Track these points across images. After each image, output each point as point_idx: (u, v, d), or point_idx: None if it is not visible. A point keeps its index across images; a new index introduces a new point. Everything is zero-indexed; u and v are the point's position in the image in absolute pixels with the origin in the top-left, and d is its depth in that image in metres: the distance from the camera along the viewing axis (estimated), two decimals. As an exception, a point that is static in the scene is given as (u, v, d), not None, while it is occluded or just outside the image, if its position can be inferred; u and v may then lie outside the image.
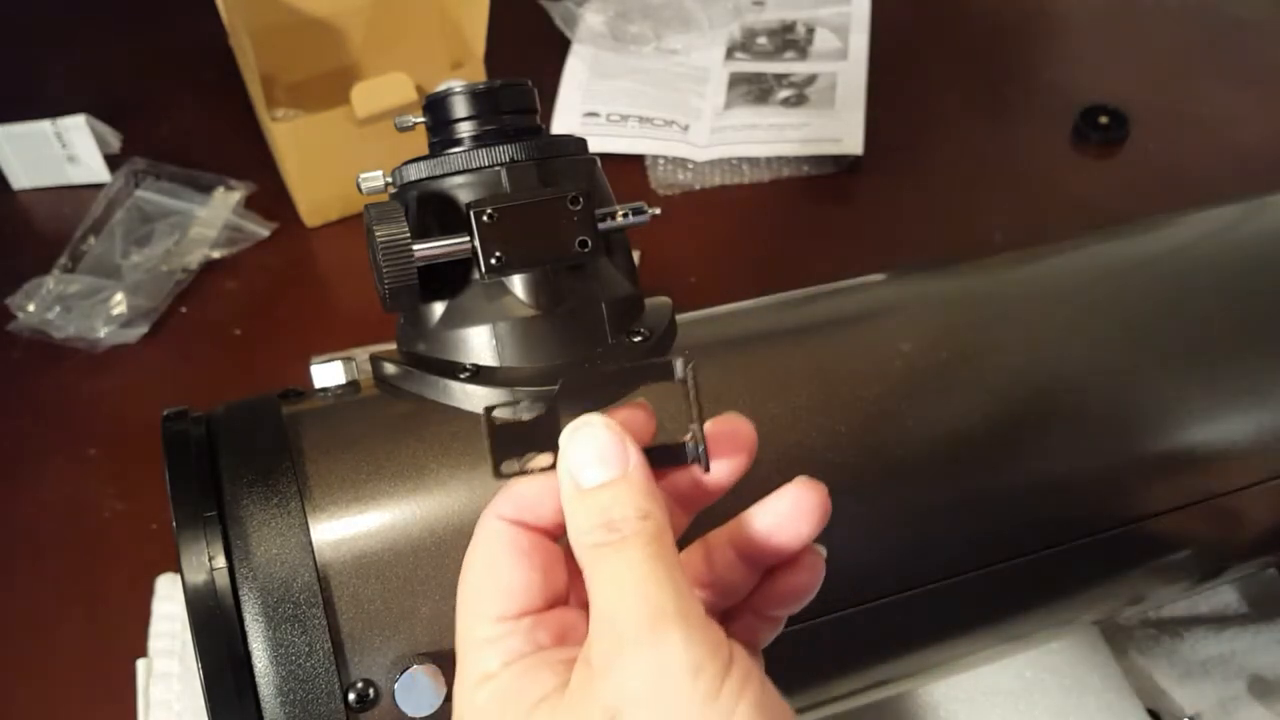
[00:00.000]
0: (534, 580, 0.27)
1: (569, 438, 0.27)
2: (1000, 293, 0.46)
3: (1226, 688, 0.56)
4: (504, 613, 0.27)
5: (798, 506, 0.28)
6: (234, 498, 0.34)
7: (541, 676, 0.25)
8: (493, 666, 0.26)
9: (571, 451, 0.26)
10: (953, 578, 0.39)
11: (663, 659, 0.23)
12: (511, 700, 0.25)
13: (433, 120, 0.40)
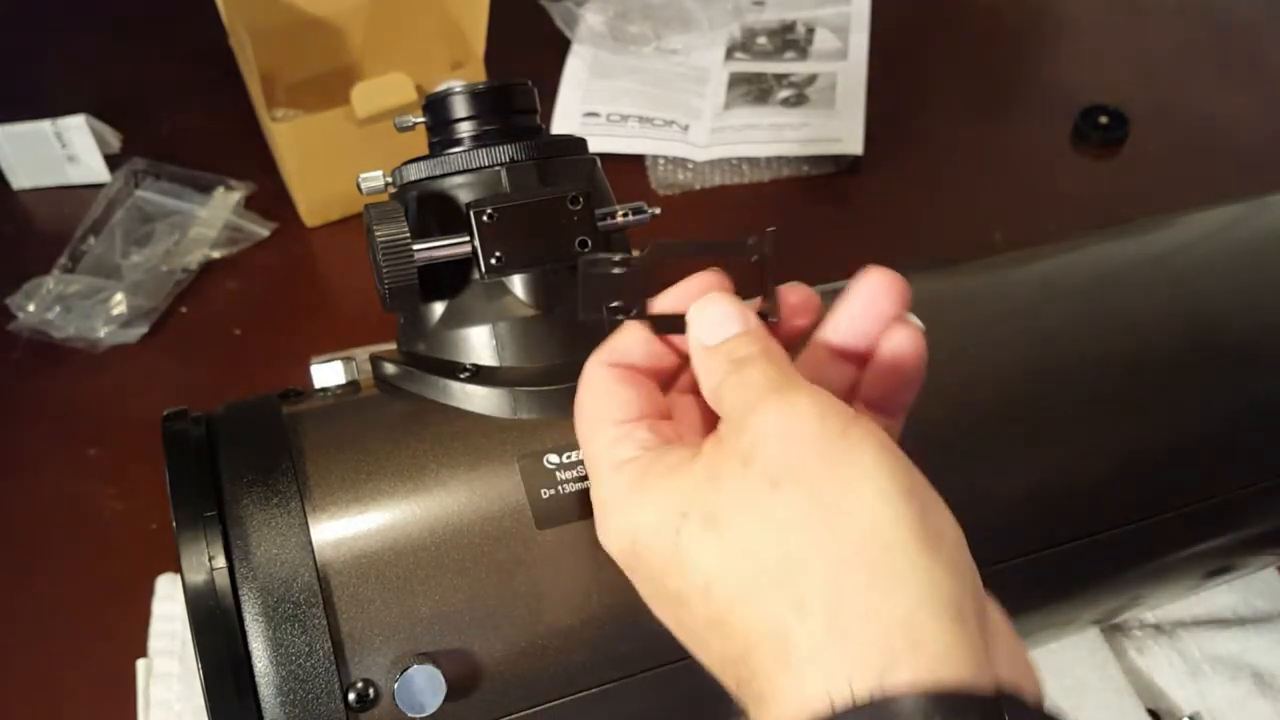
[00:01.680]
0: (641, 394, 0.31)
1: (698, 309, 0.31)
2: (1000, 292, 0.46)
3: (1227, 688, 0.56)
4: (625, 416, 0.31)
5: (872, 289, 0.32)
6: (234, 498, 0.34)
7: (673, 453, 0.29)
8: (629, 453, 0.30)
9: (699, 319, 0.31)
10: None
11: (790, 408, 0.27)
12: (649, 472, 0.29)
13: (433, 120, 0.40)
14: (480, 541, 0.35)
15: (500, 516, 0.35)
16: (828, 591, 0.24)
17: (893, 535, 0.25)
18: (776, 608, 0.25)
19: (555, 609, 0.34)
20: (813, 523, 0.25)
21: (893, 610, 0.24)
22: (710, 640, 0.27)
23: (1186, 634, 0.58)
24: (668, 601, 0.29)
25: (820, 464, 0.26)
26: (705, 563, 0.27)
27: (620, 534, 0.30)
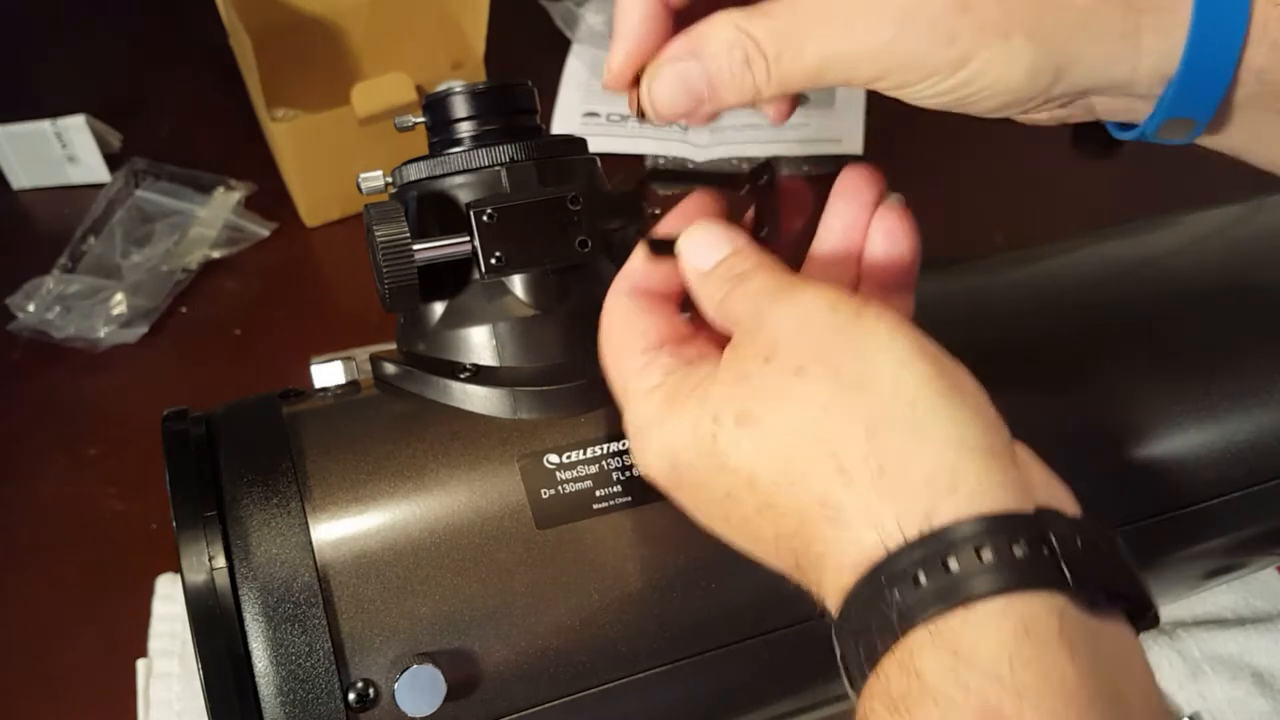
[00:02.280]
0: (661, 320, 0.32)
1: (687, 238, 0.31)
2: (1000, 292, 0.46)
3: (1227, 688, 0.56)
4: (648, 345, 0.31)
5: (854, 184, 0.33)
6: (234, 498, 0.34)
7: (697, 371, 0.30)
8: (656, 380, 0.31)
9: (690, 247, 0.31)
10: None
11: (800, 304, 0.28)
12: (679, 392, 0.30)
13: (432, 120, 0.40)
14: (480, 541, 0.35)
15: (500, 516, 0.35)
16: (866, 457, 0.26)
17: (916, 393, 0.26)
18: (822, 480, 0.26)
19: (555, 609, 0.34)
20: (840, 399, 0.26)
21: (927, 458, 0.25)
22: (762, 526, 0.28)
23: (1186, 634, 0.58)
24: (715, 505, 0.29)
25: (838, 347, 0.27)
26: (745, 456, 0.28)
27: (660, 455, 0.30)
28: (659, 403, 0.30)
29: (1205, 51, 0.27)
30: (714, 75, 0.30)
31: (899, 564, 0.24)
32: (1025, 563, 0.24)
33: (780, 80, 0.29)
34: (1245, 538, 0.45)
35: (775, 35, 0.29)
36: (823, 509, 0.26)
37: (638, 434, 0.31)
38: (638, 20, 0.31)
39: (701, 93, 0.30)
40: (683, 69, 0.30)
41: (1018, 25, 0.27)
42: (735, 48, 0.29)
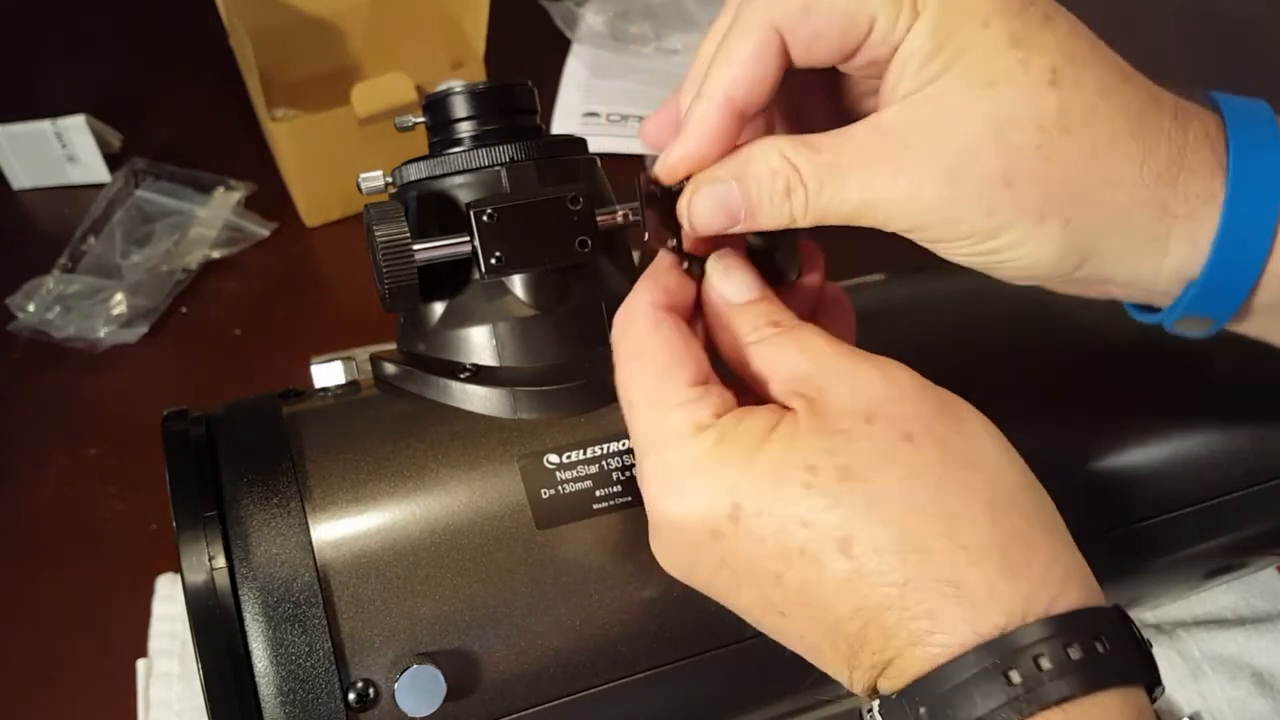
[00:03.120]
0: (703, 356, 0.30)
1: (718, 266, 0.32)
2: (1000, 291, 0.46)
3: (1227, 688, 0.56)
4: (694, 378, 0.29)
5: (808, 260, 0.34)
6: (234, 498, 0.34)
7: (755, 419, 0.28)
8: (706, 419, 0.28)
9: (721, 276, 0.31)
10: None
11: (889, 371, 0.28)
12: (737, 439, 0.28)
13: (432, 120, 0.40)
14: (480, 541, 0.35)
15: (500, 516, 0.35)
16: (988, 537, 0.26)
17: (1021, 479, 0.27)
18: (945, 554, 0.25)
19: (555, 609, 0.34)
20: (954, 474, 0.26)
21: (1044, 545, 0.26)
22: (837, 594, 0.26)
23: (1186, 634, 0.58)
24: (773, 564, 0.27)
25: (940, 420, 0.27)
26: (845, 515, 0.26)
27: (716, 497, 0.27)
28: (712, 444, 0.28)
29: (1228, 262, 0.27)
30: (753, 200, 0.30)
31: (1020, 646, 0.24)
32: (1129, 656, 0.25)
33: (818, 214, 0.29)
34: (1245, 538, 0.45)
35: (820, 170, 0.29)
36: (939, 584, 0.25)
37: (677, 474, 0.28)
38: (708, 128, 0.30)
39: (738, 214, 0.30)
40: (723, 191, 0.30)
41: (1055, 212, 0.27)
42: (779, 176, 0.29)
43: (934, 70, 0.28)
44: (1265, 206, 0.27)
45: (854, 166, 0.28)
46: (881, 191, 0.28)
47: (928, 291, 0.47)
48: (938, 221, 0.28)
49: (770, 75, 0.30)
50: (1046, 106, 0.27)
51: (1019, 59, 0.27)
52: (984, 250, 0.28)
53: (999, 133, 0.27)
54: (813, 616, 0.27)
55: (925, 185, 0.27)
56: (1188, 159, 0.27)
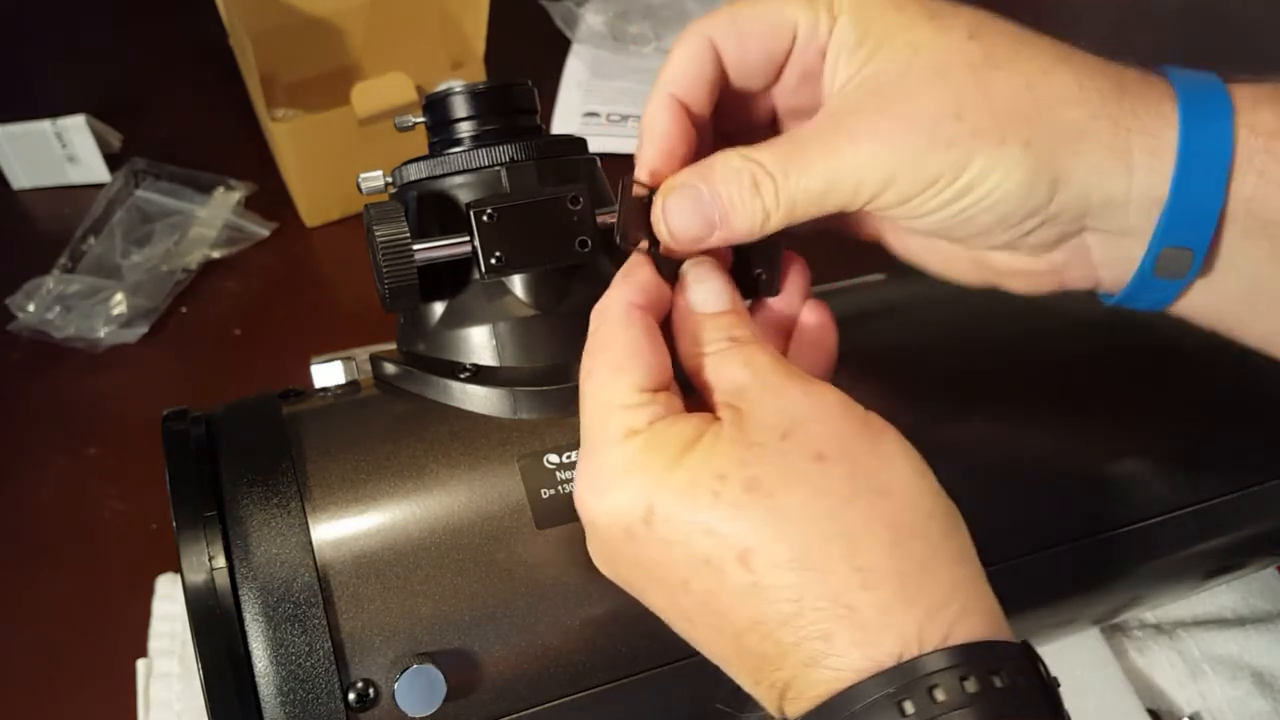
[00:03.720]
0: (665, 359, 0.31)
1: (693, 273, 0.32)
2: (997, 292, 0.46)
3: (1227, 688, 0.56)
4: (646, 384, 0.30)
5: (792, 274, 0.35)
6: (234, 498, 0.34)
7: (683, 427, 0.29)
8: (640, 424, 0.29)
9: (696, 284, 0.32)
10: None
11: (817, 395, 0.28)
12: (663, 445, 0.28)
13: (432, 120, 0.40)
14: (480, 541, 0.35)
15: (500, 516, 0.35)
16: (889, 562, 0.26)
17: (930, 506, 0.27)
18: (841, 575, 0.26)
19: (555, 609, 0.34)
20: (862, 498, 0.26)
21: (945, 574, 0.26)
22: (736, 607, 0.27)
23: (1186, 634, 0.58)
24: (680, 571, 0.28)
25: (856, 443, 0.27)
26: (748, 526, 0.26)
27: (633, 500, 0.28)
28: (638, 450, 0.29)
29: (1194, 172, 0.28)
30: (724, 201, 0.30)
31: (917, 676, 0.24)
32: (1029, 692, 0.25)
33: (789, 200, 0.30)
34: (1245, 538, 0.45)
35: (782, 158, 0.30)
36: (834, 605, 0.25)
37: (603, 475, 0.29)
38: (661, 123, 0.32)
39: (713, 217, 0.31)
40: (694, 192, 0.31)
41: (1012, 132, 0.28)
42: (743, 172, 0.30)
43: (863, 56, 0.29)
44: (1219, 123, 0.28)
45: (814, 146, 0.29)
46: (846, 159, 0.29)
47: (926, 293, 0.47)
48: (905, 170, 0.28)
49: (707, 74, 0.32)
50: (972, 51, 0.28)
51: (937, 27, 0.29)
52: (956, 193, 0.29)
53: (938, 76, 0.28)
54: (716, 626, 0.27)
55: (884, 138, 0.28)
56: (1125, 84, 0.29)
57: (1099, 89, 0.28)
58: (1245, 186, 0.28)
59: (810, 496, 0.26)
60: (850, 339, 0.43)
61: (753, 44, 0.31)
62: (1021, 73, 0.28)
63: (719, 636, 0.28)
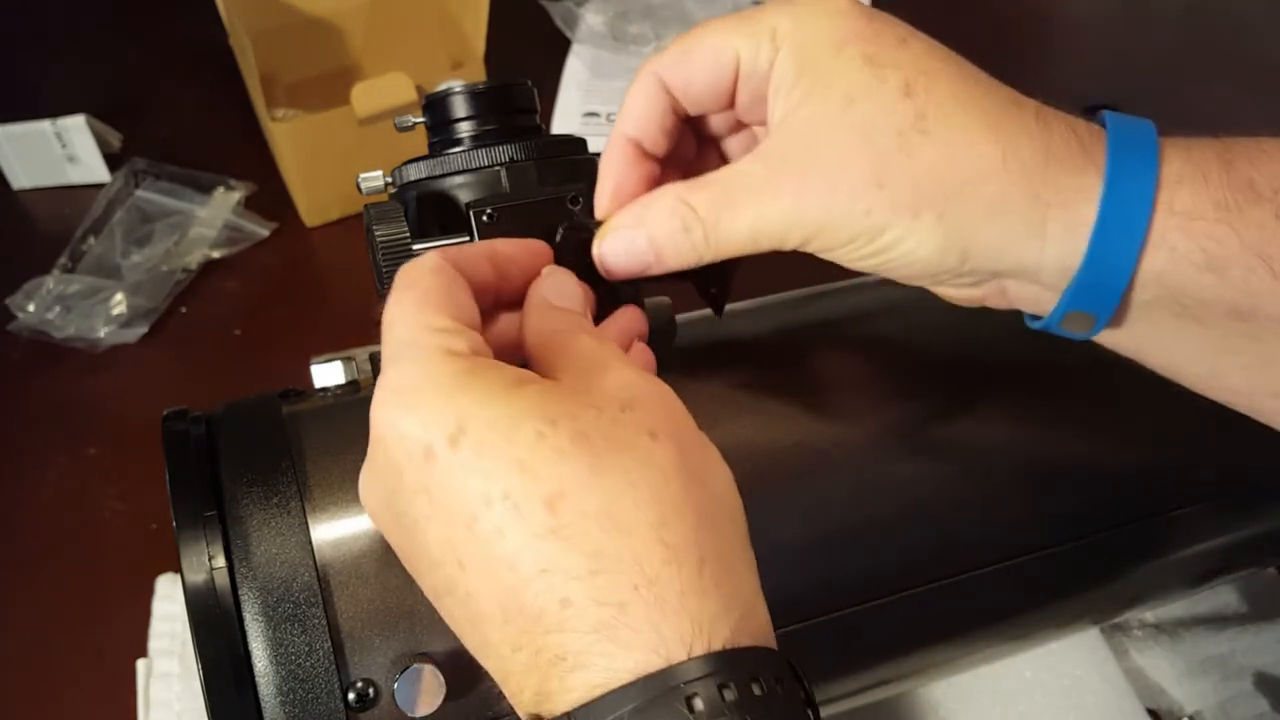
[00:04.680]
0: (474, 306, 0.30)
1: (548, 277, 0.32)
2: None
3: (1226, 687, 0.56)
4: (458, 317, 0.29)
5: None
6: (234, 497, 0.34)
7: (511, 370, 0.28)
8: (461, 347, 0.28)
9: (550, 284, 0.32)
10: (953, 578, 0.39)
11: (659, 387, 0.28)
12: (488, 377, 0.27)
13: (432, 120, 0.40)
14: (480, 541, 0.34)
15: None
16: (698, 544, 0.26)
17: (736, 510, 0.28)
18: (643, 543, 0.25)
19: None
20: (682, 478, 0.26)
21: (738, 576, 0.26)
22: (522, 552, 0.25)
23: (1186, 634, 0.58)
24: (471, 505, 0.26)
25: (688, 433, 0.28)
26: (565, 472, 0.25)
27: (443, 417, 0.26)
28: (461, 371, 0.27)
29: (1106, 251, 0.29)
30: (658, 241, 0.32)
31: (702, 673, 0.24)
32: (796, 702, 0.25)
33: (717, 245, 0.31)
34: (1244, 539, 0.45)
35: (712, 204, 0.31)
36: (639, 570, 0.25)
37: (413, 387, 0.27)
38: (615, 164, 0.34)
39: (647, 256, 0.32)
40: (628, 235, 0.32)
41: (927, 206, 0.29)
42: (674, 215, 0.31)
43: (800, 94, 0.30)
44: (1138, 203, 0.28)
45: (742, 195, 0.31)
46: (770, 212, 0.30)
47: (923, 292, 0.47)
48: (825, 229, 0.30)
49: (659, 112, 0.33)
50: (903, 113, 0.29)
51: (875, 75, 0.29)
52: (873, 251, 0.30)
53: (865, 139, 0.29)
54: (492, 573, 0.26)
55: (807, 198, 0.30)
56: (1054, 153, 0.29)
57: (1022, 161, 0.29)
58: (1157, 262, 0.29)
59: (634, 464, 0.26)
60: (849, 339, 0.43)
61: (698, 77, 0.32)
62: (946, 142, 0.29)
63: (491, 586, 0.26)
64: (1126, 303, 0.30)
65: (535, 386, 0.27)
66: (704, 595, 0.25)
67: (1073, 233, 0.29)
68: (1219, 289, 0.28)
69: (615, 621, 0.24)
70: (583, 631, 0.24)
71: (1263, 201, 0.28)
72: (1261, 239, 0.28)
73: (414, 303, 0.29)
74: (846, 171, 0.29)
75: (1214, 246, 0.28)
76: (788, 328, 0.44)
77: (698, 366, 0.40)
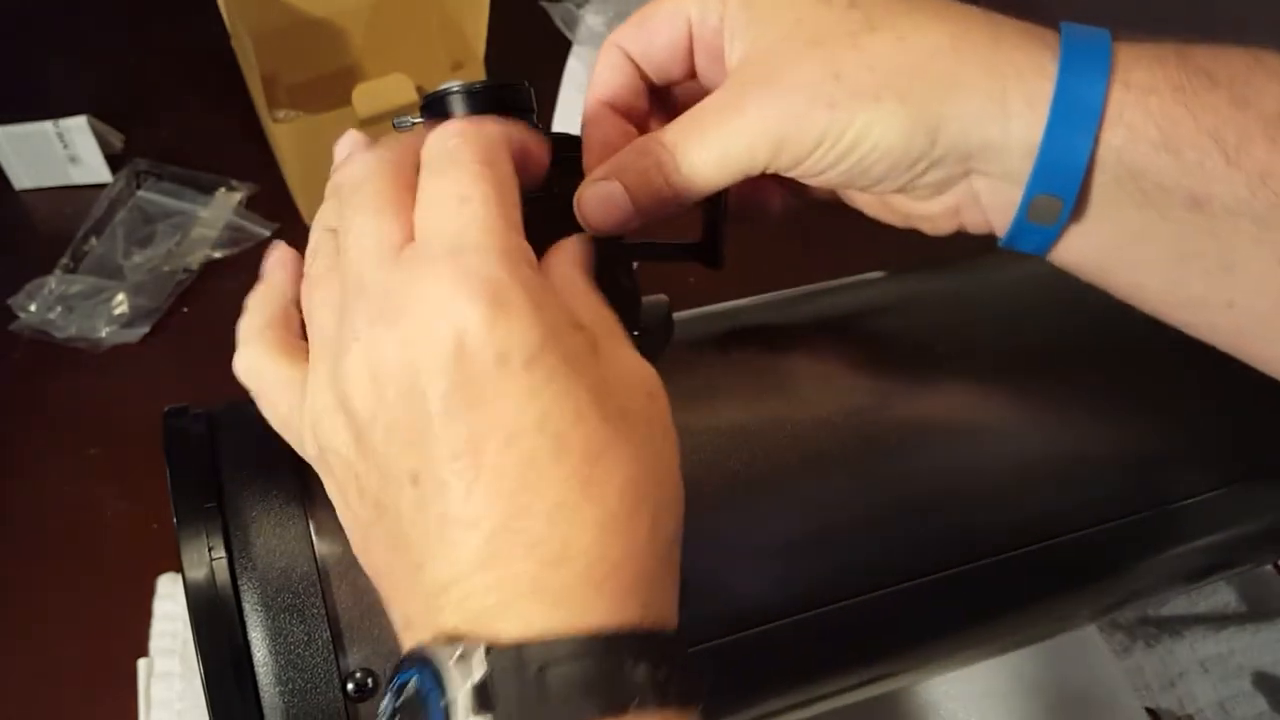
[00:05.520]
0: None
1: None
2: (996, 286, 0.46)
3: (1226, 686, 0.56)
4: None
5: None
6: (234, 490, 0.34)
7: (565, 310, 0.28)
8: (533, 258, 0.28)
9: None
10: (948, 570, 0.39)
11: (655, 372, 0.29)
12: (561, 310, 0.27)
13: (430, 120, 0.40)
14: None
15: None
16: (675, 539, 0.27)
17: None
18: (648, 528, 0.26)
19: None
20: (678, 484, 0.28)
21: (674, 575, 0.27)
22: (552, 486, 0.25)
23: (1186, 633, 0.58)
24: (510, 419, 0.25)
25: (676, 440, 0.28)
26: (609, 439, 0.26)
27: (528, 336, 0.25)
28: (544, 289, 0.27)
29: (1065, 123, 0.29)
30: (632, 186, 0.32)
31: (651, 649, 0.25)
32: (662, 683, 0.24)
33: (689, 174, 0.31)
34: (1240, 535, 0.45)
35: (679, 135, 0.32)
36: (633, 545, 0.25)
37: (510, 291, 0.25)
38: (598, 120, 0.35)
39: (624, 203, 0.32)
40: (605, 185, 0.33)
41: (887, 89, 0.29)
42: (645, 154, 0.32)
43: (753, 34, 0.31)
44: (1093, 78, 0.29)
45: (709, 119, 0.31)
46: (737, 126, 0.31)
47: (926, 288, 0.47)
48: (791, 136, 0.30)
49: (626, 79, 0.34)
50: (852, 19, 0.30)
51: (819, 1, 0.31)
52: (843, 150, 0.30)
53: (817, 43, 0.30)
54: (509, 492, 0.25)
55: (768, 109, 0.30)
56: (1003, 35, 0.30)
57: (973, 41, 0.30)
58: (1115, 137, 0.29)
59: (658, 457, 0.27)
60: (846, 334, 0.43)
61: (657, 41, 0.33)
62: (895, 33, 0.30)
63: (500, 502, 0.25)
64: (1089, 186, 0.30)
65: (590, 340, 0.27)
66: (665, 587, 0.26)
67: (1032, 107, 0.29)
68: (1176, 173, 0.29)
69: (605, 580, 0.25)
70: (572, 577, 0.25)
71: (1218, 88, 0.29)
72: (1216, 122, 0.29)
73: (497, 189, 0.27)
74: (803, 73, 0.30)
75: (1169, 125, 0.29)
76: (785, 325, 0.44)
77: (694, 364, 0.40)
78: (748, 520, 0.36)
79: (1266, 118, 0.28)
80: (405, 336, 0.25)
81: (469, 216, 0.26)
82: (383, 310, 0.26)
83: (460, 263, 0.25)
